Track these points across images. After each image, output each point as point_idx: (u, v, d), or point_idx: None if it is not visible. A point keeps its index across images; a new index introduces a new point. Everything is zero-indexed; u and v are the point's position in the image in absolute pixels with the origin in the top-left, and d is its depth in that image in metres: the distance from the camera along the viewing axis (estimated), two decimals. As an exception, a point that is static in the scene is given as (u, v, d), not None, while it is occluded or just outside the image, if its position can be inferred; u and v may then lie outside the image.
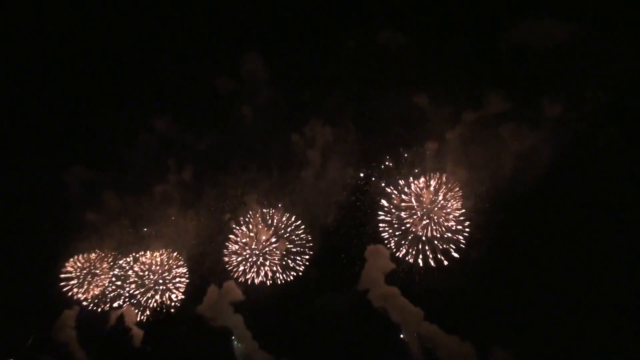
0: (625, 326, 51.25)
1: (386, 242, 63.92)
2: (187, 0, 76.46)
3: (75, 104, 77.23)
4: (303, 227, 68.57)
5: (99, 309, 69.12)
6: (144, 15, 74.63)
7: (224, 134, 73.51)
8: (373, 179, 66.35)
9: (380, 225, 64.66)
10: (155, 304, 67.68)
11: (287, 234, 68.46)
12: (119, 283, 69.99)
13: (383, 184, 65.17)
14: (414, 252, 62.99)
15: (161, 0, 76.07)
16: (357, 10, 72.45)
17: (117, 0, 75.14)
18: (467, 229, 61.58)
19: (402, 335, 58.98)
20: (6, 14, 72.06)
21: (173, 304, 69.17)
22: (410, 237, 63.29)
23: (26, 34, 73.86)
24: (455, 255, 61.54)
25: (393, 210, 64.49)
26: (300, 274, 67.49)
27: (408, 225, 63.38)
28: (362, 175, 67.43)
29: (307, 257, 68.02)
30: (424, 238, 62.83)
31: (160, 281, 69.45)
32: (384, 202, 65.02)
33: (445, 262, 61.68)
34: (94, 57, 77.49)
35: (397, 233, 63.92)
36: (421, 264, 62.45)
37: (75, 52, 76.22)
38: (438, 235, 62.50)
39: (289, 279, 67.41)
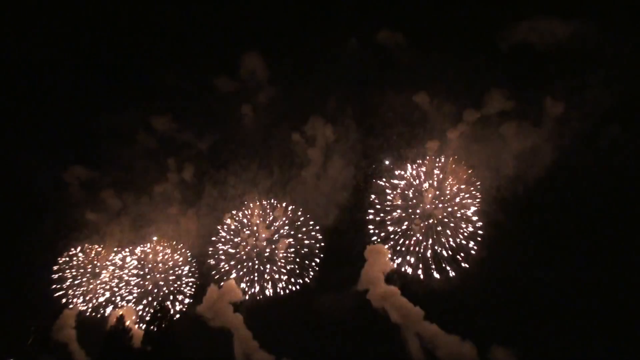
0: (625, 326, 51.03)
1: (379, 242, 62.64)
2: (187, 0, 76.72)
3: (75, 104, 77.31)
4: (312, 223, 66.80)
5: (98, 315, 68.96)
6: (144, 15, 74.88)
7: (224, 134, 73.73)
8: (374, 178, 65.89)
9: (370, 226, 63.25)
10: (159, 311, 64.41)
11: (293, 232, 67.16)
12: (116, 288, 69.53)
13: (382, 183, 64.54)
14: (412, 261, 61.49)
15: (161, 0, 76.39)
16: (357, 10, 72.54)
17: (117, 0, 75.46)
18: (480, 232, 59.07)
19: (402, 335, 58.68)
20: (7, 14, 72.31)
21: (178, 308, 68.63)
22: (407, 242, 61.98)
23: (26, 33, 74.18)
24: (465, 265, 59.39)
25: (387, 209, 62.94)
26: (307, 280, 65.82)
27: (404, 228, 62.31)
28: (362, 173, 67.17)
29: (317, 260, 65.93)
30: (423, 247, 61.07)
31: (162, 283, 69.17)
32: (375, 199, 63.55)
33: (452, 273, 59.63)
34: (94, 56, 77.81)
35: (391, 236, 62.57)
36: (422, 276, 60.69)
37: (75, 52, 76.52)
38: (442, 241, 60.08)
39: (294, 288, 65.67)
